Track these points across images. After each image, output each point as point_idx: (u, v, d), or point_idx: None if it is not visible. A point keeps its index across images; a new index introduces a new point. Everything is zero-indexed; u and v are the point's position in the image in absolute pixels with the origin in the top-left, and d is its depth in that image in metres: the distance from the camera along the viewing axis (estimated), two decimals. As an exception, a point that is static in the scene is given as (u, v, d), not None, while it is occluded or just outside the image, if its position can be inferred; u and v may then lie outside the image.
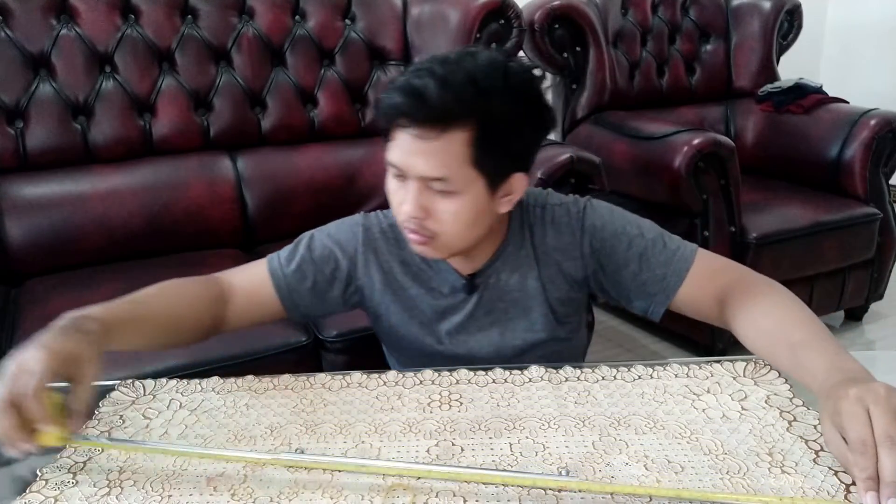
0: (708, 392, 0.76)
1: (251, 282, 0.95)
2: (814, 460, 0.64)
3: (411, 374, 0.83)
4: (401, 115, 0.78)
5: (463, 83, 0.76)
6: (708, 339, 2.08)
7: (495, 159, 0.80)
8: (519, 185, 0.85)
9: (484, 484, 0.63)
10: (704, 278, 0.87)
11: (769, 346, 0.77)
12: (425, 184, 0.80)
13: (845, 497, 0.59)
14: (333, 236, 0.97)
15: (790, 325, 0.76)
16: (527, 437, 0.70)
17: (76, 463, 0.69)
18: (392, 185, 0.84)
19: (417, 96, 0.77)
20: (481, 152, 0.79)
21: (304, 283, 0.95)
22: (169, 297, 0.88)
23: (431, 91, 0.76)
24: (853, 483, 0.59)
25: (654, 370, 0.81)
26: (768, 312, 0.79)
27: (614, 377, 0.80)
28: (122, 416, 0.77)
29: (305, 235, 0.98)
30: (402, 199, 0.83)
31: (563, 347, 0.98)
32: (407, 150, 0.80)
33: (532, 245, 0.93)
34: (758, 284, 0.84)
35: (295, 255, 0.95)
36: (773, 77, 2.55)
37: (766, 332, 0.78)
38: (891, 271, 2.31)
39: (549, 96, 2.40)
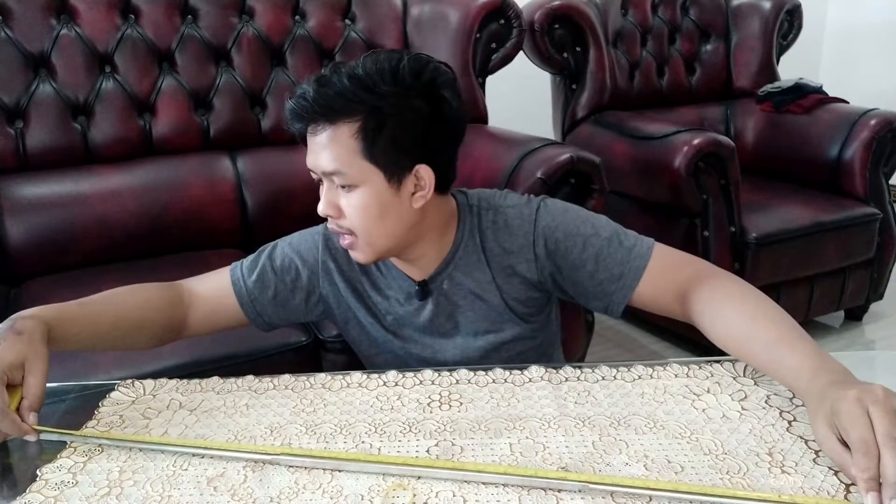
0: (708, 392, 0.76)
1: (214, 290, 0.97)
2: (814, 460, 0.64)
3: (411, 374, 0.83)
4: (293, 118, 0.84)
5: (344, 80, 0.81)
6: (708, 339, 2.07)
7: (386, 150, 0.82)
8: (427, 179, 0.85)
9: (484, 484, 0.63)
10: (663, 274, 0.87)
11: (742, 343, 0.77)
12: (331, 181, 0.84)
13: (845, 497, 0.59)
14: (294, 246, 0.99)
15: (761, 321, 0.76)
16: (527, 437, 0.70)
17: (76, 463, 0.69)
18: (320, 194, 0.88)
19: (303, 98, 0.82)
20: (370, 143, 0.81)
21: (266, 292, 0.97)
22: (122, 299, 0.90)
23: (314, 90, 0.82)
24: (853, 483, 0.59)
25: (654, 370, 0.81)
26: (736, 309, 0.79)
27: (614, 377, 0.80)
28: (121, 416, 0.78)
29: (268, 245, 1.00)
30: None
31: (531, 346, 0.99)
32: (309, 149, 0.85)
33: (483, 248, 0.93)
34: (719, 278, 0.84)
35: (256, 264, 0.98)
36: (773, 77, 2.55)
37: (737, 329, 0.77)
38: (891, 271, 2.31)
39: (551, 96, 2.40)
